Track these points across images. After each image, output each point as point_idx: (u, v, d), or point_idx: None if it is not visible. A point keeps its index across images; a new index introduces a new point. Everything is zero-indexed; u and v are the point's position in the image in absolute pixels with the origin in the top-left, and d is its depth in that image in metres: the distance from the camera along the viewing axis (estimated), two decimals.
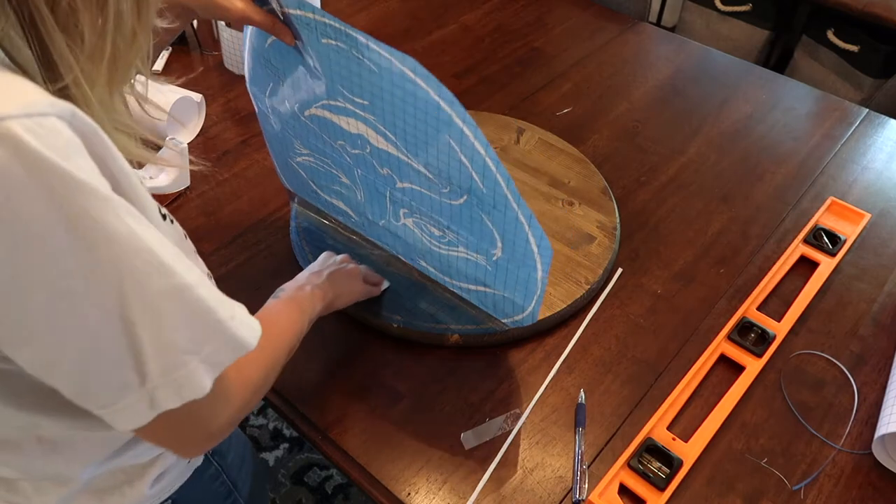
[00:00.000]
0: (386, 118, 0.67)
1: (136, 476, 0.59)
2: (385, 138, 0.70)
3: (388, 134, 0.69)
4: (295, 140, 0.82)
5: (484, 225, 0.70)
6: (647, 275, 0.92)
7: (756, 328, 0.85)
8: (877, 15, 1.77)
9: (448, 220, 0.73)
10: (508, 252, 0.70)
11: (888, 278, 0.93)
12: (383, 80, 0.63)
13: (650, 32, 1.40)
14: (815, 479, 0.72)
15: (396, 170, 0.73)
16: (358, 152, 0.75)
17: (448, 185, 0.69)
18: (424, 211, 0.75)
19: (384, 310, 0.83)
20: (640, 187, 1.04)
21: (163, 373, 0.41)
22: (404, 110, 0.65)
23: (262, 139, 1.06)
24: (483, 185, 0.65)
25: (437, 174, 0.68)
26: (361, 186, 0.81)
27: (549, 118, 1.16)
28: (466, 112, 0.61)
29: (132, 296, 0.39)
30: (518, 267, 0.71)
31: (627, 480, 0.71)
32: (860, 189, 1.05)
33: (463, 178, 0.66)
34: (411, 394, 0.78)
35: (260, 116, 0.85)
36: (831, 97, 1.24)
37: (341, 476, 1.50)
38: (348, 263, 0.80)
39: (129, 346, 0.40)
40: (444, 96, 0.60)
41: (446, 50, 1.31)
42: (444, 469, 0.72)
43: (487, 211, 0.68)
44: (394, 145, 0.70)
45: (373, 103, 0.67)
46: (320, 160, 0.82)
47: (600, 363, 0.82)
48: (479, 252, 0.74)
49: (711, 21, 2.25)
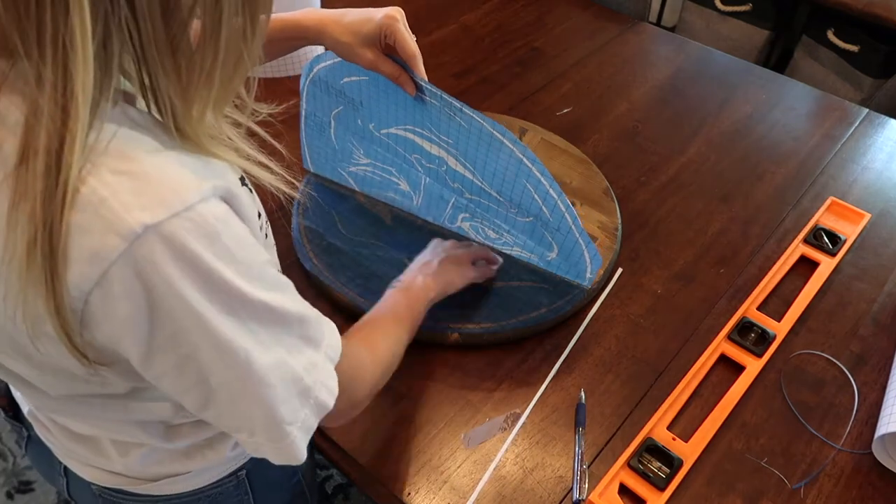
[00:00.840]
0: (468, 155, 0.81)
1: (218, 441, 0.63)
2: (463, 166, 0.83)
3: (468, 164, 0.82)
4: (357, 149, 0.93)
5: (544, 236, 0.83)
6: (647, 275, 0.92)
7: (756, 328, 0.85)
8: (877, 15, 1.77)
9: (510, 227, 0.86)
10: (563, 256, 0.84)
11: (888, 278, 0.93)
12: (471, 134, 0.78)
13: (650, 32, 1.40)
14: (815, 478, 0.72)
15: (468, 186, 0.86)
16: (433, 167, 0.88)
17: (517, 209, 0.83)
18: (488, 217, 0.87)
19: None
20: (640, 187, 1.04)
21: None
22: (487, 155, 0.79)
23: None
24: (551, 216, 0.80)
25: (508, 200, 0.82)
26: (423, 193, 0.92)
27: (550, 118, 1.16)
28: (545, 167, 0.75)
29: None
30: (570, 265, 0.85)
31: (627, 480, 0.71)
32: (860, 189, 1.05)
33: (532, 208, 0.81)
34: (411, 394, 0.78)
35: (310, 127, 0.96)
36: (831, 97, 1.24)
37: (341, 476, 1.50)
38: (457, 249, 0.84)
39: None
40: (528, 156, 0.75)
41: (446, 50, 1.31)
42: (444, 469, 0.72)
43: (551, 232, 0.82)
44: (470, 172, 0.83)
45: (457, 142, 0.81)
46: (381, 169, 0.93)
47: (600, 363, 0.82)
48: (533, 252, 0.87)
49: (711, 21, 2.25)
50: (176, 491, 0.64)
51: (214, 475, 0.66)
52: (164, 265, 0.38)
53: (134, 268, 0.38)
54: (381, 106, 0.85)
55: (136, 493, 0.63)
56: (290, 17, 0.75)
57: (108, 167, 0.38)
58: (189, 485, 0.64)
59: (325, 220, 0.93)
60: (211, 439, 0.63)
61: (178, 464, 0.62)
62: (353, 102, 0.88)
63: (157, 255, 0.38)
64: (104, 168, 0.37)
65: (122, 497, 0.64)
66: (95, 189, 0.37)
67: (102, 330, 0.41)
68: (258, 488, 0.69)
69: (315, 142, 0.96)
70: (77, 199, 0.36)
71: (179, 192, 0.39)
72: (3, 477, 1.50)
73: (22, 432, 0.72)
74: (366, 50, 0.73)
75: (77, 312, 0.39)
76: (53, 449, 0.65)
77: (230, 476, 0.67)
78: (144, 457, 0.61)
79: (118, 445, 0.60)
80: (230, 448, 0.64)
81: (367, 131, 0.90)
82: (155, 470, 0.62)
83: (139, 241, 0.37)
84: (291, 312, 0.47)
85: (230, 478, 0.67)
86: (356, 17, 0.72)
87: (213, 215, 0.40)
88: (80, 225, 0.37)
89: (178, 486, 0.64)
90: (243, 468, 0.67)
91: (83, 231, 0.37)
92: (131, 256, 0.38)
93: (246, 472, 0.68)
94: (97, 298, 0.39)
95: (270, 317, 0.45)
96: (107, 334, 0.41)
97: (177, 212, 0.38)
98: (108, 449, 0.60)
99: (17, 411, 0.70)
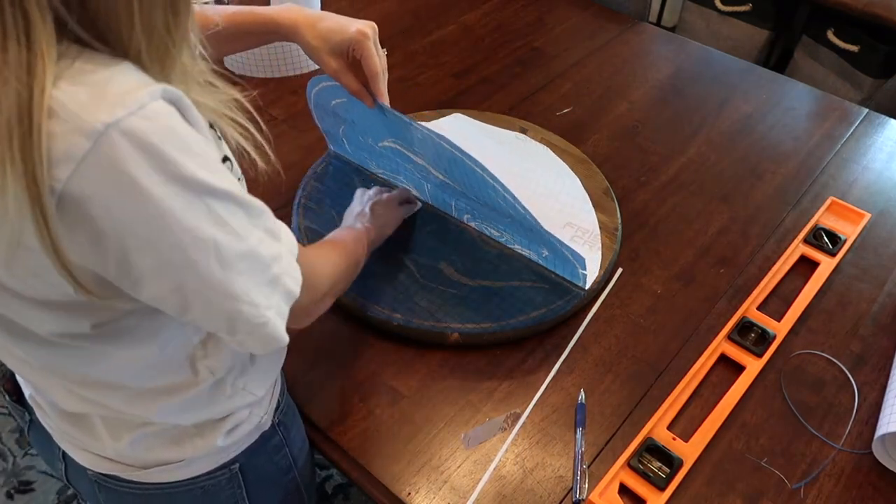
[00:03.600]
0: (439, 167, 0.86)
1: (208, 429, 0.64)
2: (444, 175, 0.88)
3: (445, 174, 0.87)
4: (370, 161, 1.00)
5: (532, 236, 0.86)
6: (647, 275, 0.92)
7: (756, 328, 0.85)
8: (877, 15, 1.77)
9: (505, 227, 0.89)
10: (554, 254, 0.86)
11: (888, 278, 0.93)
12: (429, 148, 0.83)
13: (650, 32, 1.40)
14: (815, 478, 0.72)
15: (458, 192, 0.90)
16: (423, 175, 0.92)
17: (500, 212, 0.86)
18: (491, 217, 0.89)
19: (385, 307, 0.83)
20: (640, 187, 1.04)
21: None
22: (451, 166, 0.83)
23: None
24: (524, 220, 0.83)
25: (493, 207, 0.86)
26: (429, 197, 0.97)
27: (550, 118, 1.16)
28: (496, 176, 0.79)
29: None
30: (563, 263, 0.86)
31: (627, 480, 0.71)
32: (860, 189, 1.05)
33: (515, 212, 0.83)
34: (411, 394, 0.78)
35: (333, 143, 1.04)
36: (831, 97, 1.24)
37: (341, 476, 1.50)
38: (382, 194, 0.91)
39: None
40: (478, 165, 0.79)
41: (446, 50, 1.31)
42: (444, 469, 0.72)
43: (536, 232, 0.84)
44: (451, 181, 0.88)
45: (426, 156, 0.86)
46: (391, 177, 1.00)
47: (600, 363, 0.82)
48: (531, 250, 0.89)
49: (711, 21, 2.25)
50: (168, 479, 0.64)
51: (206, 466, 0.66)
52: (129, 160, 0.41)
53: (101, 166, 0.41)
54: (368, 122, 0.89)
55: (129, 481, 0.64)
56: (266, 11, 0.76)
57: (68, 80, 0.41)
58: (181, 474, 0.65)
59: (325, 220, 0.94)
60: (201, 426, 0.63)
61: (169, 451, 0.63)
62: (347, 121, 0.93)
63: (121, 152, 0.41)
64: (64, 81, 0.41)
65: (116, 483, 0.65)
66: (57, 98, 0.40)
67: (79, 237, 0.43)
68: (251, 482, 0.70)
69: (342, 152, 1.04)
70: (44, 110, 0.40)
71: (132, 92, 0.42)
72: (3, 477, 1.50)
73: (24, 417, 0.73)
74: (332, 59, 0.76)
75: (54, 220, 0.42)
76: (52, 433, 0.66)
77: (222, 468, 0.67)
78: (135, 442, 0.61)
79: (109, 426, 0.61)
80: (221, 437, 0.64)
81: (367, 144, 0.96)
82: (145, 456, 0.63)
83: (101, 139, 0.40)
84: (254, 204, 0.50)
85: (223, 470, 0.67)
86: (330, 25, 0.75)
87: (166, 112, 0.44)
88: (50, 132, 0.40)
89: (170, 474, 0.64)
90: (236, 461, 0.67)
91: (52, 136, 0.40)
92: (97, 154, 0.40)
93: (239, 466, 0.68)
94: (69, 203, 0.41)
95: (235, 206, 0.48)
96: (84, 241, 0.44)
97: (132, 111, 0.41)
98: (99, 431, 0.61)
99: (20, 395, 0.71)
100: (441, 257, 0.90)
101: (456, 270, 0.88)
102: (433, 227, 0.94)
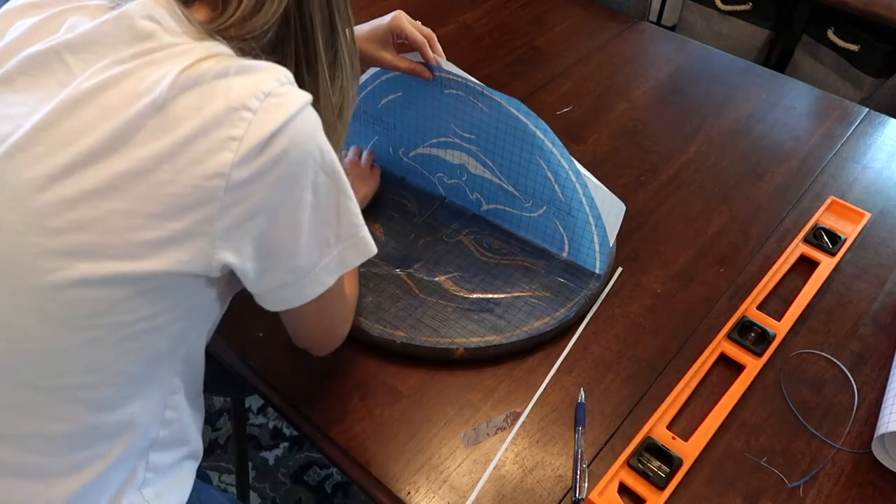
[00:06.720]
0: (488, 147, 0.89)
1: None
2: (483, 164, 0.91)
3: (487, 161, 0.90)
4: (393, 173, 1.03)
5: (557, 231, 0.89)
6: (647, 274, 0.92)
7: (756, 327, 0.85)
8: (877, 14, 1.77)
9: (524, 232, 0.93)
10: (574, 247, 0.89)
11: (888, 278, 0.93)
12: (491, 117, 0.85)
13: (650, 32, 1.40)
14: (814, 477, 0.72)
15: (486, 192, 0.93)
16: (454, 181, 0.96)
17: (531, 200, 0.89)
18: (515, 203, 0.91)
19: (387, 326, 0.82)
20: (640, 187, 1.04)
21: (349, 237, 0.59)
22: (505, 140, 0.86)
23: None
24: (563, 196, 0.85)
25: (524, 191, 0.89)
26: (445, 189, 0.99)
27: (550, 117, 1.15)
28: (557, 137, 0.82)
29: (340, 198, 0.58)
30: (581, 253, 0.89)
31: (627, 479, 0.71)
32: (860, 188, 1.05)
33: (546, 190, 0.87)
34: (411, 393, 0.78)
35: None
36: (831, 96, 1.24)
37: (341, 475, 1.50)
38: (357, 167, 0.97)
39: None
40: (541, 127, 0.82)
41: (446, 49, 1.29)
42: (443, 468, 0.72)
43: (562, 218, 0.87)
44: (489, 170, 0.90)
45: (478, 136, 0.89)
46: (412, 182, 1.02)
47: (600, 362, 0.82)
48: (551, 236, 0.91)
49: (712, 20, 2.25)
50: None
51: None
52: (305, 143, 0.51)
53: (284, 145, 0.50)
54: (411, 124, 0.93)
55: None
56: None
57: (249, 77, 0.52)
58: None
59: None
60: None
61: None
62: (387, 127, 0.97)
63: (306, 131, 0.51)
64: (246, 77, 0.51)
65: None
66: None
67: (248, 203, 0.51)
68: None
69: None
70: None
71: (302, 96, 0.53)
72: None
73: None
74: (384, 52, 0.85)
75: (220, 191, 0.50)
76: None
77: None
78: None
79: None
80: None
81: (396, 158, 1.00)
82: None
83: (297, 118, 0.50)
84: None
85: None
86: (369, 27, 0.85)
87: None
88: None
89: None
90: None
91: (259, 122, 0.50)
92: (287, 132, 0.50)
93: None
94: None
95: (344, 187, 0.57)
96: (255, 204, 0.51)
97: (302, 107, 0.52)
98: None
99: None
100: (438, 271, 0.89)
101: (454, 283, 0.87)
102: (428, 240, 0.93)
